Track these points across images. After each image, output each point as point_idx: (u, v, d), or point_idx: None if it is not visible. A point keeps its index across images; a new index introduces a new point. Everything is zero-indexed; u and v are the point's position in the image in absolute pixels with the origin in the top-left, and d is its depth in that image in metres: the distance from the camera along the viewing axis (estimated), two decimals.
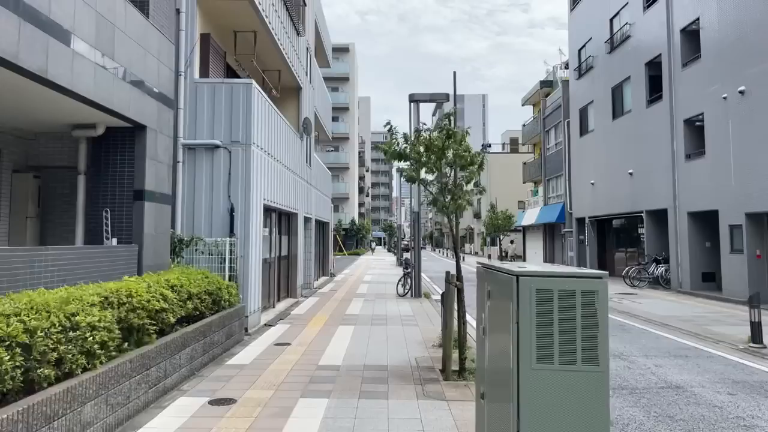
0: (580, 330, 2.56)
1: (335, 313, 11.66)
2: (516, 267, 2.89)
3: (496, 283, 3.01)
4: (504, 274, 2.82)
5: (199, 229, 9.12)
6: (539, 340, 2.57)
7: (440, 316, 11.23)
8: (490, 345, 3.16)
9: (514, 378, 2.57)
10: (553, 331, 2.57)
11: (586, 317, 2.56)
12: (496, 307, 3.04)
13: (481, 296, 3.41)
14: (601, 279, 2.61)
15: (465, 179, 6.67)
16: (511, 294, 2.65)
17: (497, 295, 3.00)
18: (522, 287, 2.60)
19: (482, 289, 3.39)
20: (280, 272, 12.98)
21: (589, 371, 2.54)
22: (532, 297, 2.58)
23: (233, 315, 8.05)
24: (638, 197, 19.52)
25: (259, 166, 9.76)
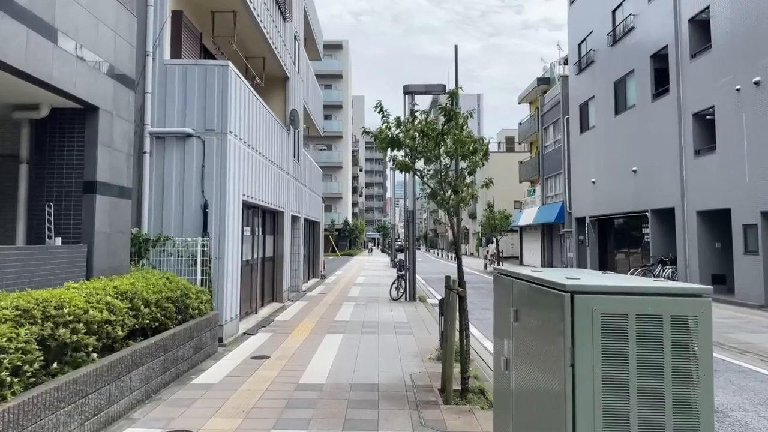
0: (670, 378, 1.63)
1: (323, 320, 10.70)
2: (559, 274, 1.95)
3: (531, 300, 2.08)
4: (547, 288, 1.89)
5: (168, 228, 8.14)
6: (607, 394, 1.64)
7: (437, 324, 10.29)
8: (520, 388, 2.22)
9: None
10: (629, 380, 1.64)
11: (679, 357, 1.63)
12: (530, 334, 2.11)
13: (502, 315, 2.48)
14: (701, 298, 1.68)
15: (468, 170, 5.74)
16: (559, 319, 1.73)
17: (533, 318, 2.07)
18: (579, 310, 1.68)
19: (503, 305, 2.47)
20: (263, 275, 12.01)
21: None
22: (595, 325, 1.66)
23: (203, 325, 7.08)
24: (643, 196, 18.68)
25: (237, 157, 8.79)
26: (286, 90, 14.00)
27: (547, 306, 1.87)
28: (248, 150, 9.52)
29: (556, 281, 1.79)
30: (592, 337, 1.66)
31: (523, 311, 2.18)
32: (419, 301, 13.99)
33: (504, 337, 2.46)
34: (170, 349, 5.98)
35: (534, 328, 2.05)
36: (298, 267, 15.47)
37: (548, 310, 1.85)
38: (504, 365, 2.41)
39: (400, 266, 15.39)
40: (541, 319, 1.94)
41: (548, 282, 1.87)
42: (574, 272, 2.22)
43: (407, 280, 14.33)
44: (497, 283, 2.62)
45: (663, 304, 1.64)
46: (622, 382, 1.64)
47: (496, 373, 2.72)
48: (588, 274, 2.14)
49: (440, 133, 5.58)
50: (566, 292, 1.70)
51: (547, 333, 1.86)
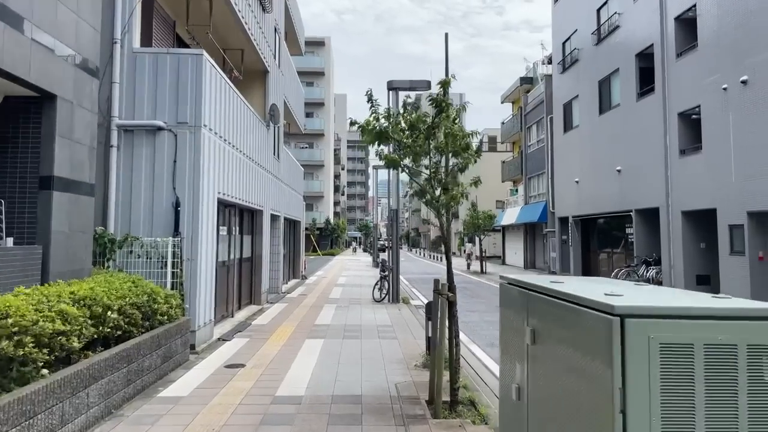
0: (746, 428, 1.25)
1: (303, 323, 10.25)
2: (592, 288, 1.56)
3: (558, 320, 1.69)
4: (583, 308, 1.49)
5: (137, 227, 7.62)
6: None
7: (422, 327, 9.91)
8: (539, 426, 1.82)
9: None
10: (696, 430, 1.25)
11: (761, 401, 1.25)
12: (555, 361, 1.72)
13: (512, 333, 2.08)
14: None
15: (459, 166, 5.35)
16: (602, 349, 1.33)
17: (560, 344, 1.67)
18: (633, 338, 1.30)
19: (514, 321, 2.07)
20: (241, 276, 11.50)
21: None
22: (653, 359, 1.27)
23: (173, 331, 6.59)
24: (627, 196, 18.55)
25: (212, 153, 8.30)
26: (265, 84, 13.49)
27: (582, 330, 1.48)
28: (224, 145, 9.03)
29: (597, 300, 1.40)
30: (648, 374, 1.27)
31: (543, 332, 1.80)
32: (403, 303, 13.61)
33: (515, 360, 2.07)
34: (135, 359, 5.49)
35: (562, 356, 1.66)
36: (277, 268, 14.97)
37: (584, 335, 1.46)
38: (515, 394, 2.02)
39: (383, 267, 14.99)
40: (572, 346, 1.55)
41: (584, 300, 1.48)
42: (605, 283, 1.84)
43: (390, 281, 13.95)
44: (505, 295, 2.23)
45: (738, 330, 1.27)
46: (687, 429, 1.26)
47: (503, 401, 2.33)
48: (627, 287, 1.77)
49: (431, 127, 5.19)
50: (614, 315, 1.31)
51: (583, 364, 1.47)
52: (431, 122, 5.23)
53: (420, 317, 11.27)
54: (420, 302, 14.38)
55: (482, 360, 7.63)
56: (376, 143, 5.47)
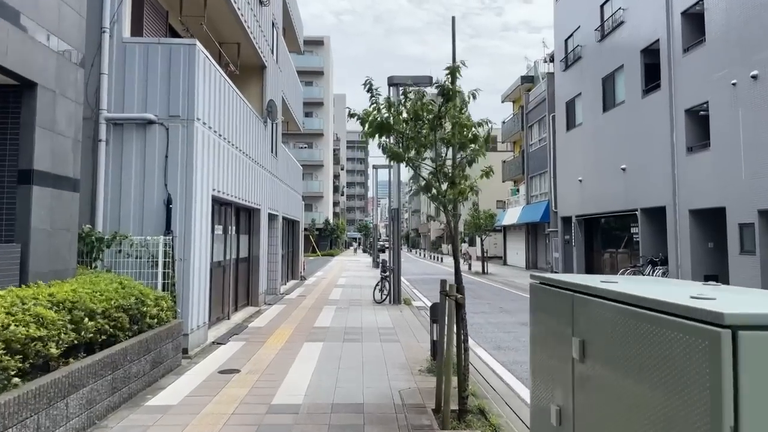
0: None
1: (302, 326, 9.89)
2: (673, 289, 1.20)
3: (624, 331, 1.32)
4: (666, 317, 1.13)
5: (126, 225, 7.26)
6: None
7: (425, 330, 9.55)
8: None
9: None
10: None
11: None
12: (619, 383, 1.35)
13: (550, 347, 1.72)
14: None
15: (467, 159, 5.00)
16: (708, 370, 0.97)
17: (628, 361, 1.30)
18: (751, 357, 0.92)
19: (553, 331, 1.71)
20: (237, 277, 11.14)
21: None
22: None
23: (164, 335, 6.22)
24: (632, 194, 18.20)
25: (205, 148, 7.94)
26: (263, 79, 13.14)
27: (665, 345, 1.12)
28: (219, 140, 8.67)
29: (692, 306, 1.04)
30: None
31: (599, 346, 1.44)
32: (404, 304, 13.26)
33: (555, 377, 1.72)
34: (121, 365, 5.12)
35: (630, 376, 1.29)
36: (275, 268, 14.60)
37: (669, 351, 1.10)
38: (556, 418, 1.66)
39: (383, 267, 14.63)
40: (648, 365, 1.19)
41: (670, 307, 1.11)
42: (668, 284, 1.48)
43: (391, 281, 13.59)
44: (538, 298, 1.87)
45: None
46: None
47: (537, 424, 1.97)
48: (707, 289, 1.41)
49: (437, 116, 4.83)
50: (723, 326, 0.96)
51: (665, 389, 1.11)
52: (437, 111, 4.87)
53: (422, 319, 10.92)
54: (422, 303, 14.03)
55: (489, 364, 7.27)
56: (377, 136, 5.11)
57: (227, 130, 9.20)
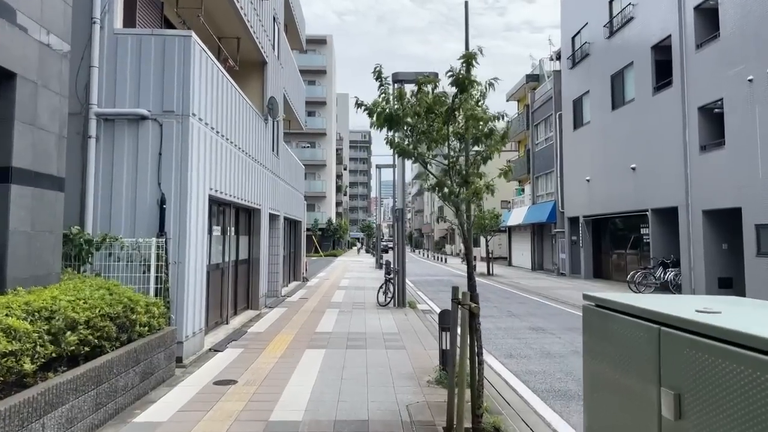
0: None
1: (303, 331, 9.49)
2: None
3: (756, 389, 0.90)
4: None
5: (118, 227, 6.87)
6: None
7: (432, 336, 9.14)
8: None
9: None
10: None
11: None
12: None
13: (618, 395, 1.30)
14: None
15: (482, 155, 4.59)
16: None
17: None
18: None
19: (624, 374, 1.29)
20: (237, 280, 10.75)
21: None
22: None
23: (155, 344, 5.83)
24: (642, 194, 17.77)
25: (202, 145, 7.54)
26: (263, 76, 12.75)
27: None
28: (216, 137, 8.28)
29: None
30: None
31: (705, 404, 1.03)
32: (409, 307, 12.85)
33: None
34: (106, 379, 4.73)
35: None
36: (277, 270, 14.22)
37: None
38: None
39: (387, 269, 14.23)
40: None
41: None
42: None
43: (396, 284, 13.18)
44: (596, 326, 1.48)
45: None
46: None
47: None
48: None
49: (450, 108, 4.42)
50: None
51: None
52: (451, 103, 4.46)
53: (428, 323, 10.52)
54: (427, 307, 13.63)
55: (501, 374, 6.86)
56: (386, 128, 4.70)
57: (225, 127, 8.81)
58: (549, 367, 7.19)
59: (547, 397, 5.87)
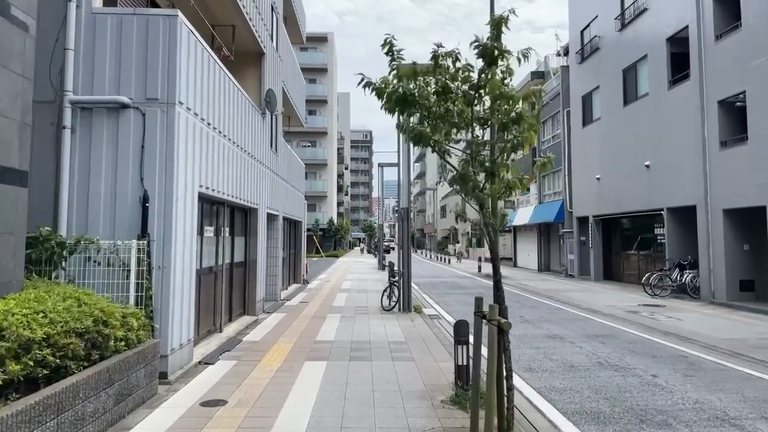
0: None
1: (302, 340, 8.79)
2: None
3: None
4: None
5: (95, 228, 6.17)
6: None
7: (442, 345, 8.43)
8: None
9: None
10: None
11: None
12: None
13: None
14: None
15: (513, 142, 3.89)
16: None
17: None
18: None
19: None
20: (232, 284, 10.05)
21: None
22: None
23: (133, 361, 5.13)
24: (657, 193, 17.04)
25: (190, 137, 6.85)
26: (261, 67, 12.04)
27: None
28: (208, 130, 7.58)
29: None
30: None
31: None
32: (415, 312, 12.15)
33: None
34: (70, 406, 4.03)
35: None
36: (275, 272, 13.52)
37: None
38: None
39: (391, 271, 13.53)
40: None
41: None
42: None
43: (401, 287, 12.47)
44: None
45: None
46: None
47: None
48: None
49: (475, 85, 3.72)
50: None
51: None
52: (477, 81, 3.75)
53: (437, 330, 9.83)
54: (434, 311, 12.92)
55: (523, 392, 6.15)
56: (397, 112, 3.99)
57: (218, 119, 8.11)
58: (575, 383, 6.48)
59: (579, 421, 5.16)
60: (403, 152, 12.92)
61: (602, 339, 9.32)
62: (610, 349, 8.41)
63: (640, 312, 12.67)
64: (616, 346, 8.72)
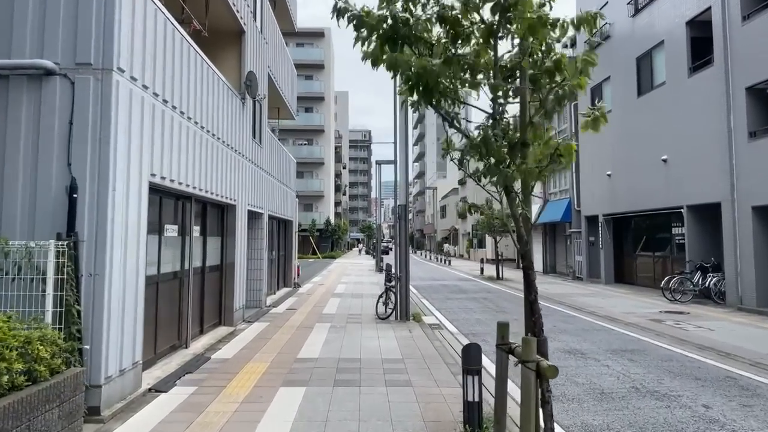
0: None
1: (281, 357, 7.52)
2: None
3: None
4: None
5: (11, 225, 4.91)
6: None
7: (447, 365, 7.16)
8: None
9: None
10: None
11: None
12: None
13: None
14: None
15: (559, 95, 2.63)
16: None
17: None
18: None
19: None
20: (203, 291, 8.78)
21: None
22: None
23: (42, 399, 3.85)
24: (676, 189, 15.76)
25: (137, 114, 5.58)
26: (241, 47, 10.77)
27: None
28: (164, 108, 6.31)
29: None
30: None
31: None
32: (413, 321, 10.89)
33: None
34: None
35: None
36: (259, 276, 12.24)
37: None
38: None
39: (388, 275, 12.26)
40: None
41: None
42: None
43: (398, 292, 11.20)
44: None
45: None
46: None
47: None
48: None
49: (500, 6, 2.46)
50: None
51: None
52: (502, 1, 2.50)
53: (439, 344, 8.57)
54: (434, 320, 11.63)
55: None
56: (385, 57, 2.71)
57: (182, 98, 6.85)
58: (613, 419, 5.21)
59: None
60: (400, 142, 11.64)
61: (630, 355, 8.05)
62: (643, 369, 7.14)
63: (664, 320, 11.40)
64: (649, 364, 7.45)
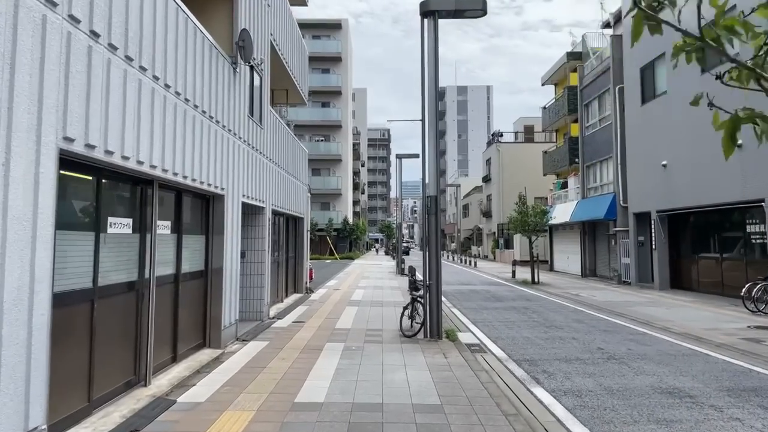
0: None
1: (273, 401, 5.43)
2: None
3: None
4: None
5: None
6: None
7: (506, 418, 5.02)
8: None
9: None
10: None
11: None
12: None
13: None
14: None
15: None
16: None
17: None
18: None
19: None
20: (177, 305, 6.74)
21: None
22: None
23: None
24: (755, 180, 13.32)
25: (36, 44, 3.53)
26: (233, 5, 8.73)
27: None
28: (100, 48, 4.26)
29: None
30: None
31: None
32: (447, 339, 8.76)
33: None
34: None
35: None
36: (259, 283, 10.20)
37: None
38: None
39: (414, 284, 10.10)
40: None
41: None
42: None
43: (427, 303, 9.03)
44: None
45: None
46: None
47: None
48: None
49: None
50: None
51: None
52: None
53: (485, 376, 6.39)
54: (473, 338, 9.42)
55: None
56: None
57: (135, 43, 4.80)
58: None
59: None
60: (429, 119, 9.44)
61: (757, 398, 5.79)
62: None
63: (763, 339, 9.07)
64: None
